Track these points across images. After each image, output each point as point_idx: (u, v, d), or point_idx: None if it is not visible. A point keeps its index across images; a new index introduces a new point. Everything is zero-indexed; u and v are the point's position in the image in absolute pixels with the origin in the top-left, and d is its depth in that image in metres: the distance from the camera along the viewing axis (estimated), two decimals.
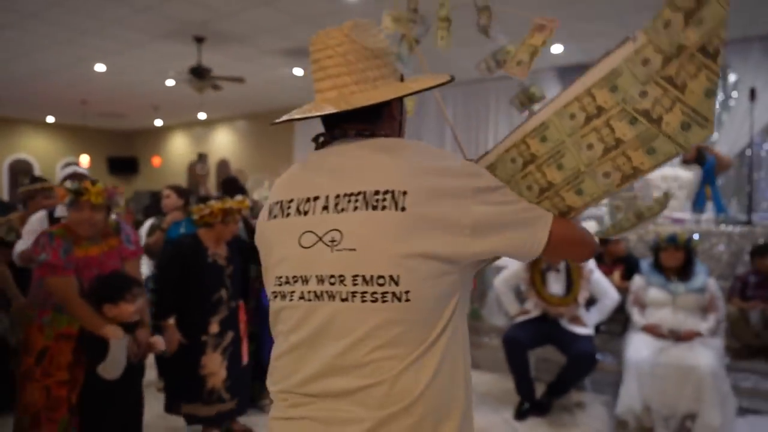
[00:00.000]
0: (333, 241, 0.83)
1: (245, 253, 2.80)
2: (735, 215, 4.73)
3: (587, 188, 0.93)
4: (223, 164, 11.80)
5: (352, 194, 0.85)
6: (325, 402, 0.83)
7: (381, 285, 0.80)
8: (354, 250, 0.82)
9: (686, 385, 2.77)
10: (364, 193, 0.84)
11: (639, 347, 3.03)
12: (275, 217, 0.92)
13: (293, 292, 0.86)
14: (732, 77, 6.32)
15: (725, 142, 6.22)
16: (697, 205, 4.86)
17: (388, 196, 0.82)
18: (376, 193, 0.83)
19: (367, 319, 0.80)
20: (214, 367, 2.52)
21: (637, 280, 3.30)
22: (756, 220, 4.17)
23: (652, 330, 3.05)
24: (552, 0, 4.99)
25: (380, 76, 0.92)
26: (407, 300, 0.80)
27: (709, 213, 4.62)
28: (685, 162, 4.96)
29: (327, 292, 0.83)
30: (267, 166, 9.97)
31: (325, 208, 0.86)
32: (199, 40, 5.90)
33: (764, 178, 6.27)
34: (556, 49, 6.55)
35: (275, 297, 0.90)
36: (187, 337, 2.48)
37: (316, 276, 0.84)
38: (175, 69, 6.56)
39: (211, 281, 2.55)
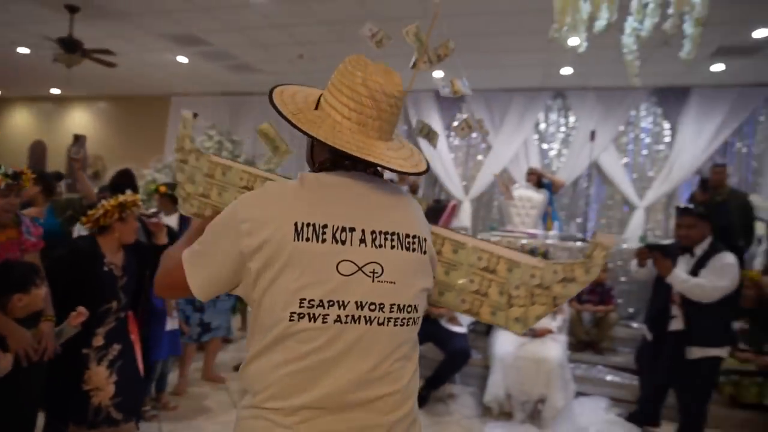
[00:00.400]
0: (374, 272, 0.94)
1: (142, 256, 2.58)
2: (574, 233, 5.61)
3: (447, 299, 1.22)
4: (37, 145, 10.49)
5: (387, 233, 0.97)
6: (346, 413, 0.92)
7: (409, 313, 0.98)
8: (393, 283, 0.96)
9: (540, 374, 3.27)
10: (398, 234, 0.99)
11: (503, 343, 3.49)
12: (308, 240, 0.92)
13: (327, 315, 0.91)
14: (572, 119, 7.49)
15: (564, 171, 7.33)
16: (545, 222, 5.71)
17: (416, 240, 1.01)
18: (407, 236, 1.00)
19: (396, 339, 0.97)
20: (100, 381, 2.23)
21: None
22: (590, 239, 5.02)
23: None
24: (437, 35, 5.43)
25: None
26: (416, 323, 1.02)
27: (554, 230, 5.45)
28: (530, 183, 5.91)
29: (365, 316, 0.93)
30: (132, 155, 9.12)
31: (362, 241, 0.95)
32: (73, 9, 5.25)
33: (593, 206, 7.46)
34: (438, 74, 7.12)
35: (299, 317, 0.91)
36: (68, 349, 2.16)
37: (356, 302, 0.92)
38: (35, 36, 5.74)
39: (103, 292, 2.29)
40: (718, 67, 5.98)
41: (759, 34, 5.00)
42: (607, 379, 3.82)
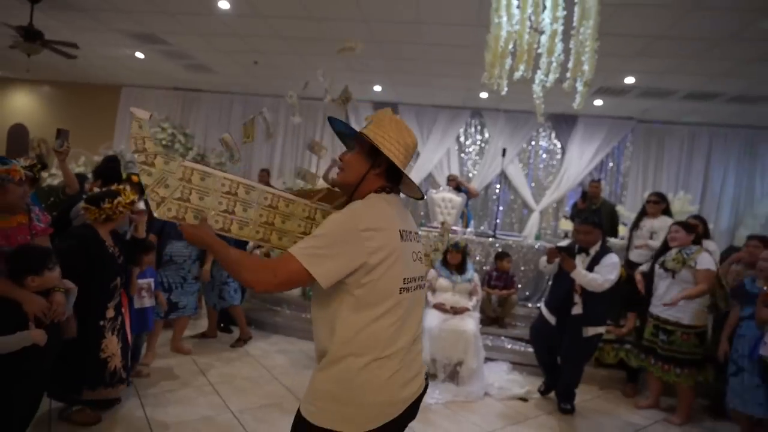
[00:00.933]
0: (419, 258, 1.37)
1: (120, 239, 2.69)
2: (486, 231, 6.18)
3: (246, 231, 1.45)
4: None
5: (414, 232, 1.39)
6: (413, 353, 1.31)
7: (422, 280, 1.39)
8: (422, 262, 1.39)
9: (458, 343, 3.71)
10: (416, 233, 1.41)
11: (431, 318, 3.88)
12: (403, 240, 1.29)
13: (409, 287, 1.28)
14: (486, 134, 8.14)
15: (479, 178, 7.98)
16: (462, 221, 6.25)
17: (417, 235, 1.42)
18: (417, 233, 1.41)
19: (423, 297, 1.41)
20: (114, 348, 2.46)
21: (432, 273, 4.20)
22: (498, 235, 5.60)
23: (440, 307, 3.96)
24: (372, 49, 5.74)
25: None
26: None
27: (470, 228, 5.98)
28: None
29: (419, 285, 1.34)
30: (79, 141, 8.51)
31: (412, 238, 1.36)
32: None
33: (502, 209, 8.16)
34: (377, 88, 7.43)
35: (400, 291, 1.25)
36: (86, 324, 2.33)
37: (414, 277, 1.31)
38: None
39: (110, 270, 2.45)
40: (598, 102, 6.86)
41: (628, 80, 5.85)
42: (508, 347, 4.37)
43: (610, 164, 7.90)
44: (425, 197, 7.86)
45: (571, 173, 7.72)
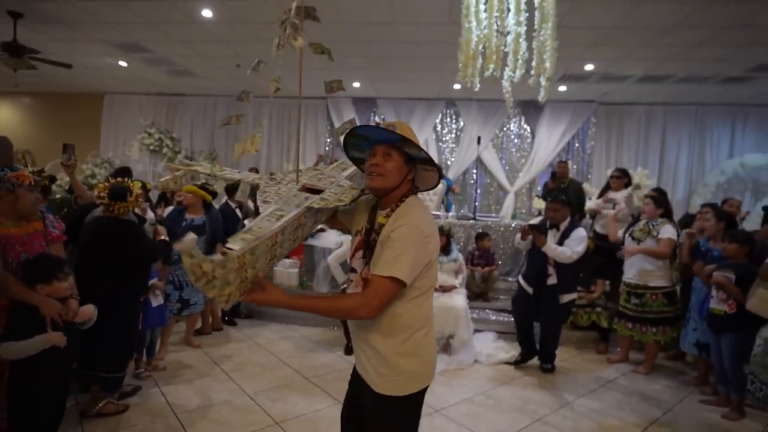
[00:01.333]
0: None
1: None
2: (466, 214, 6.42)
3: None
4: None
5: None
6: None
7: None
8: None
9: (449, 318, 3.93)
10: None
11: None
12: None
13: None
14: (461, 123, 8.34)
15: (456, 164, 8.20)
16: (443, 206, 6.47)
17: None
18: None
19: None
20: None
21: None
22: (477, 217, 5.84)
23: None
24: (350, 49, 5.85)
25: None
26: None
27: (451, 212, 6.21)
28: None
29: None
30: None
31: None
32: (16, 15, 4.86)
33: (479, 192, 8.42)
34: (356, 84, 7.53)
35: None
36: (133, 302, 2.76)
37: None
38: None
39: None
40: (562, 88, 7.11)
41: (588, 67, 6.11)
42: (493, 318, 4.63)
43: (576, 145, 8.21)
44: None
45: (541, 155, 8.00)
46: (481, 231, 5.26)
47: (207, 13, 4.78)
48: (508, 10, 2.77)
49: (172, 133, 8.33)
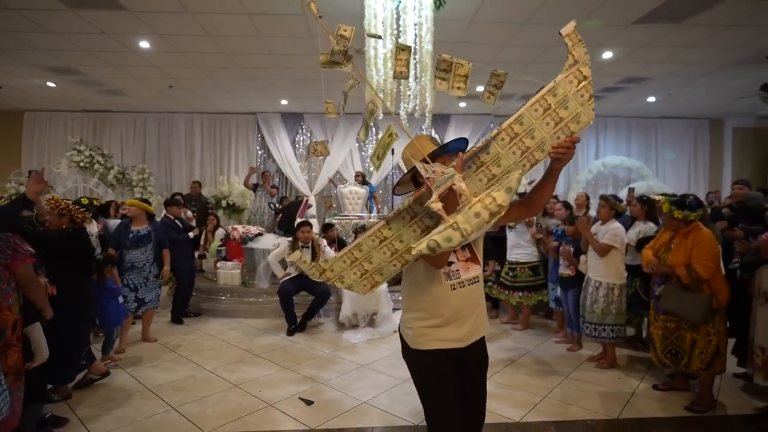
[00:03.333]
0: None
1: None
2: (385, 214, 7.32)
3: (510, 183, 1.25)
4: None
5: None
6: None
7: None
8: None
9: (373, 298, 4.77)
10: None
11: None
12: None
13: None
14: (380, 134, 9.28)
15: (377, 174, 9.13)
16: (367, 208, 7.34)
17: None
18: None
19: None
20: None
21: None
22: None
23: None
24: (277, 74, 6.53)
25: None
26: None
27: (374, 213, 7.09)
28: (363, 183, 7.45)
29: None
30: None
31: None
32: None
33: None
34: (284, 101, 8.18)
35: None
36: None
37: None
38: None
39: None
40: (463, 104, 8.33)
41: (479, 89, 7.30)
42: None
43: None
44: (335, 191, 8.80)
45: None
46: None
47: (145, 44, 5.22)
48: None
49: (102, 150, 8.37)
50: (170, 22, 4.60)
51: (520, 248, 4.79)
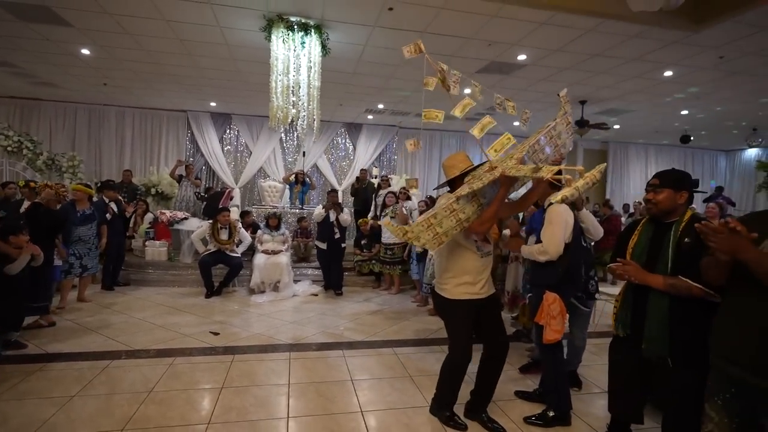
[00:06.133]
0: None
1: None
2: (297, 205, 8.52)
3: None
4: None
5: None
6: None
7: None
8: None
9: (277, 269, 5.97)
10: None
11: (259, 257, 6.07)
12: None
13: None
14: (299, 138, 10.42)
15: (297, 168, 10.25)
16: (289, 200, 8.49)
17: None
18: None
19: None
20: None
21: (259, 232, 6.37)
22: (304, 207, 7.98)
23: (266, 251, 6.16)
24: (204, 82, 7.46)
25: None
26: None
27: (297, 203, 8.26)
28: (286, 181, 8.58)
29: None
30: None
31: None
32: None
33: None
34: (213, 103, 9.03)
35: None
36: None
37: None
38: None
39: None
40: (370, 117, 9.72)
41: (380, 106, 8.75)
42: (309, 272, 6.83)
43: (387, 155, 11.02)
44: (256, 185, 9.75)
45: (360, 163, 10.58)
46: (302, 216, 7.42)
47: (86, 51, 5.97)
48: (300, 86, 4.95)
49: (31, 136, 8.68)
50: (111, 39, 5.44)
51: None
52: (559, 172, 2.03)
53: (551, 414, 2.69)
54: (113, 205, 5.91)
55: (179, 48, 5.74)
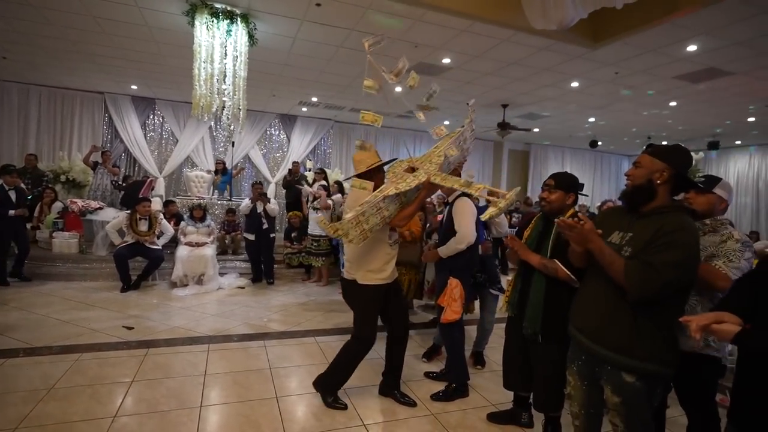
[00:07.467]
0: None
1: None
2: (226, 196, 8.27)
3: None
4: None
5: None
6: None
7: None
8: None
9: (201, 262, 5.79)
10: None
11: (182, 250, 5.85)
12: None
13: None
14: (232, 127, 10.09)
15: (228, 163, 9.93)
16: (217, 191, 8.20)
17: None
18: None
19: None
20: None
21: (182, 224, 6.13)
22: (232, 199, 7.78)
23: (189, 243, 5.94)
24: (126, 61, 7.00)
25: None
26: None
27: (218, 192, 7.99)
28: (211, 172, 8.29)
29: None
30: None
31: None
32: None
33: (248, 181, 10.32)
34: (133, 86, 8.45)
35: None
36: None
37: None
38: None
39: None
40: (305, 109, 9.64)
41: (314, 99, 8.71)
42: (236, 265, 6.69)
43: (323, 148, 10.99)
44: (183, 175, 9.31)
45: (294, 156, 10.46)
46: (230, 208, 7.24)
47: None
48: (225, 76, 4.83)
49: None
50: (8, 8, 4.92)
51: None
52: (491, 193, 2.33)
53: (453, 386, 2.95)
54: (13, 194, 5.39)
55: (93, 26, 5.34)
